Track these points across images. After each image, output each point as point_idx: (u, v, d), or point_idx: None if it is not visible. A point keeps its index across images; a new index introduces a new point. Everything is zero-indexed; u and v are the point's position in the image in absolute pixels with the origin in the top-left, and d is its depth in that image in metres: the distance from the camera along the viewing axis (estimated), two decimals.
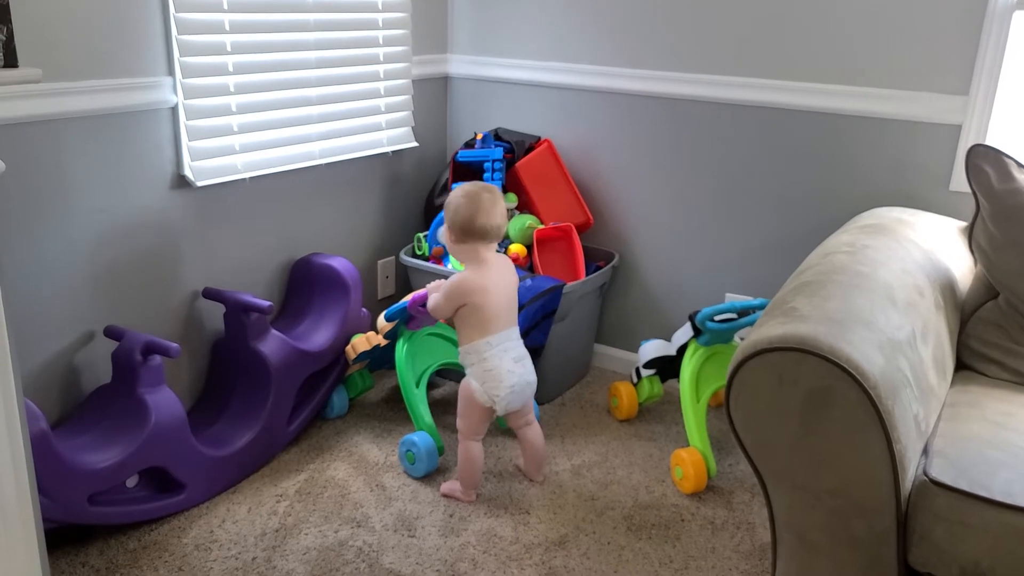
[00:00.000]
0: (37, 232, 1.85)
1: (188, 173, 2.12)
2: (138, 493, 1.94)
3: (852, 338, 1.35)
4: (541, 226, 2.58)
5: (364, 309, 2.48)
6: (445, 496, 2.12)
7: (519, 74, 2.77)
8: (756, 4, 2.34)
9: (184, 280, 2.20)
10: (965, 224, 2.05)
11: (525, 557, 1.91)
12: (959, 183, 2.14)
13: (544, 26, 2.69)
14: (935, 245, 1.91)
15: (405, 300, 2.23)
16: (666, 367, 2.43)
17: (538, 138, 2.70)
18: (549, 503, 2.11)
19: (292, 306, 2.47)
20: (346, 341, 2.40)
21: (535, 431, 2.17)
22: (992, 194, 1.79)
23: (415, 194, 2.89)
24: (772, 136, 2.41)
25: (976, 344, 1.83)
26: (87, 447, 1.84)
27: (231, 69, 2.16)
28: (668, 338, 2.42)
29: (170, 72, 2.04)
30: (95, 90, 1.89)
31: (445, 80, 2.93)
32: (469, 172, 2.62)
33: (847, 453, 1.33)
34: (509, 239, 2.57)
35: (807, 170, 2.38)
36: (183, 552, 1.88)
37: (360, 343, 2.35)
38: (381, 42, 2.58)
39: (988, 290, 1.84)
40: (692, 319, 2.22)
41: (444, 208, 2.08)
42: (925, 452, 1.43)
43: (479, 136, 2.65)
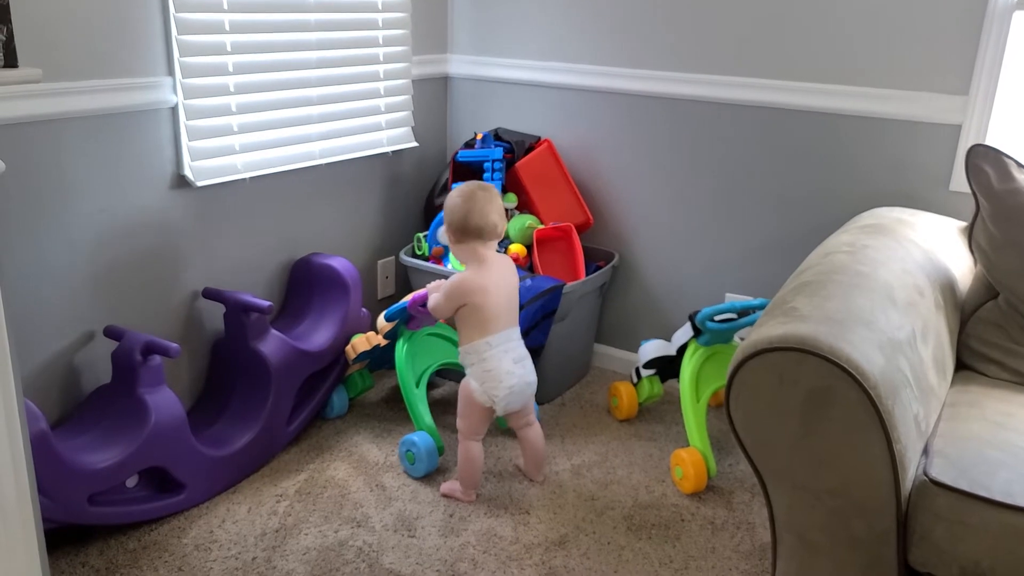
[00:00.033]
0: (37, 232, 1.85)
1: (188, 173, 2.12)
2: (138, 493, 1.94)
3: (852, 338, 1.35)
4: (541, 226, 2.58)
5: (364, 309, 2.48)
6: (445, 496, 2.12)
7: (519, 74, 2.77)
8: (756, 4, 2.34)
9: (184, 280, 2.20)
10: (965, 224, 2.05)
11: (525, 557, 1.91)
12: (959, 183, 2.14)
13: (544, 26, 2.69)
14: (935, 245, 1.91)
15: (405, 300, 2.23)
16: (666, 367, 2.43)
17: (538, 138, 2.70)
18: (549, 503, 2.11)
19: (292, 306, 2.47)
20: (346, 341, 2.40)
21: (535, 431, 2.17)
22: (992, 194, 1.79)
23: (415, 194, 2.89)
24: (772, 136, 2.41)
25: (976, 344, 1.83)
26: (87, 447, 1.84)
27: (231, 69, 2.16)
28: (668, 338, 2.42)
29: (170, 72, 2.04)
30: (95, 90, 1.89)
31: (445, 80, 2.93)
32: (469, 172, 2.62)
33: (847, 453, 1.33)
34: (509, 239, 2.57)
35: (807, 170, 2.38)
36: (183, 552, 1.88)
37: (360, 343, 2.35)
38: (381, 42, 2.58)
39: (988, 290, 1.84)
40: (692, 319, 2.22)
41: (443, 209, 2.09)
42: (925, 452, 1.43)
43: (479, 136, 2.65)
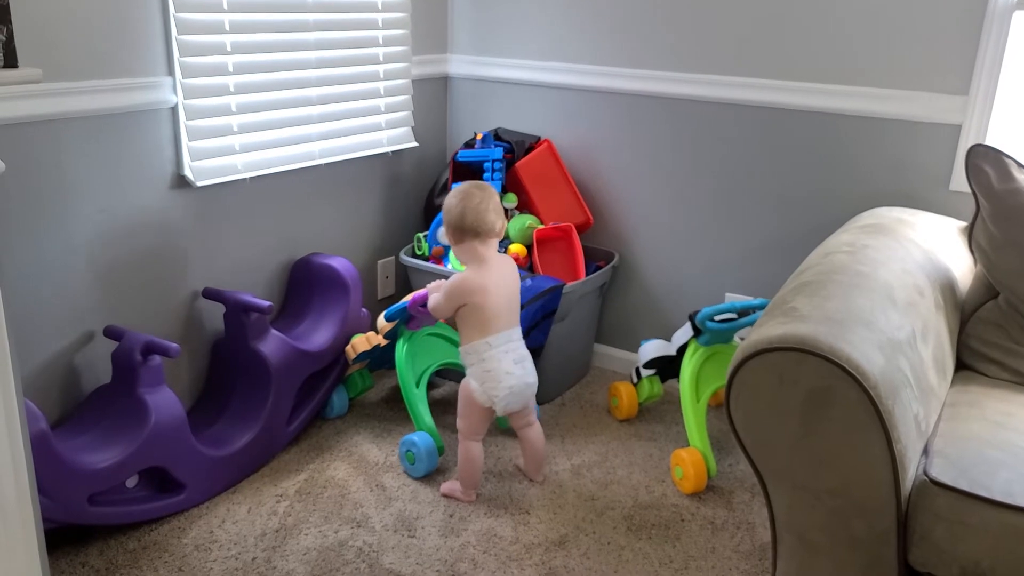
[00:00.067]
0: (37, 232, 1.85)
1: (188, 173, 2.12)
2: (138, 493, 1.94)
3: (852, 338, 1.35)
4: (541, 226, 2.58)
5: (364, 309, 2.48)
6: (445, 496, 2.12)
7: (519, 74, 2.77)
8: (756, 4, 2.34)
9: (184, 280, 2.20)
10: (965, 224, 2.05)
11: (525, 557, 1.91)
12: (959, 183, 2.14)
13: (544, 26, 2.69)
14: (935, 245, 1.91)
15: (405, 300, 2.23)
16: (666, 367, 2.43)
17: (538, 138, 2.70)
18: (549, 503, 2.11)
19: (292, 306, 2.47)
20: (346, 341, 2.40)
21: (536, 431, 2.17)
22: (992, 194, 1.79)
23: (415, 194, 2.89)
24: (772, 136, 2.41)
25: (976, 344, 1.83)
26: (87, 447, 1.84)
27: (231, 69, 2.16)
28: (668, 338, 2.42)
29: (170, 72, 2.04)
30: (95, 90, 1.89)
31: (445, 80, 2.93)
32: (469, 172, 2.62)
33: (847, 453, 1.33)
34: (509, 239, 2.57)
35: (807, 170, 2.38)
36: (183, 552, 1.88)
37: (360, 343, 2.35)
38: (381, 42, 2.58)
39: (988, 290, 1.84)
40: (692, 319, 2.22)
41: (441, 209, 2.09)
42: (925, 452, 1.43)
43: (479, 136, 2.65)
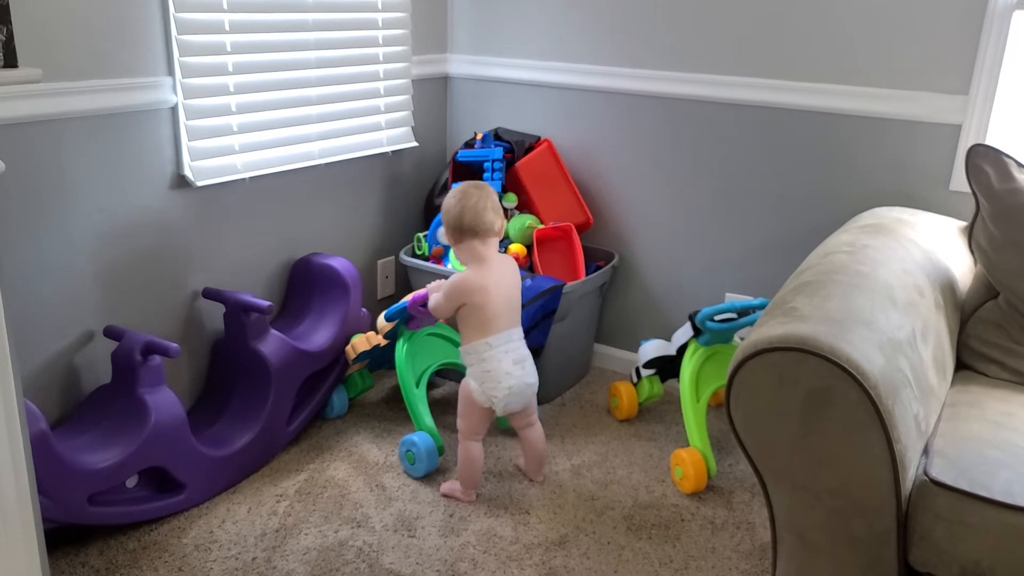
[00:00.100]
0: (37, 232, 1.85)
1: (188, 173, 2.12)
2: (138, 493, 1.94)
3: (852, 338, 1.35)
4: (541, 226, 2.58)
5: (364, 309, 2.48)
6: (445, 496, 2.12)
7: (519, 74, 2.77)
8: (756, 4, 2.34)
9: (184, 280, 2.20)
10: (965, 224, 2.05)
11: (525, 557, 1.91)
12: (959, 183, 2.14)
13: (544, 26, 2.69)
14: (935, 245, 1.91)
15: (405, 300, 2.23)
16: (666, 367, 2.43)
17: (538, 138, 2.70)
18: (549, 503, 2.11)
19: (292, 306, 2.47)
20: (346, 341, 2.40)
21: (537, 431, 2.16)
22: (992, 194, 1.79)
23: (415, 194, 2.89)
24: (772, 136, 2.41)
25: (976, 344, 1.83)
26: (87, 447, 1.84)
27: (231, 69, 2.16)
28: (668, 338, 2.42)
29: (170, 72, 2.04)
30: (95, 90, 1.89)
31: (445, 80, 2.93)
32: (469, 172, 2.62)
33: (847, 453, 1.33)
34: (509, 239, 2.57)
35: (807, 170, 2.38)
36: (183, 552, 1.88)
37: (360, 343, 2.35)
38: (381, 42, 2.58)
39: (988, 290, 1.84)
40: (692, 319, 2.22)
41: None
42: (925, 452, 1.43)
43: (479, 136, 2.65)
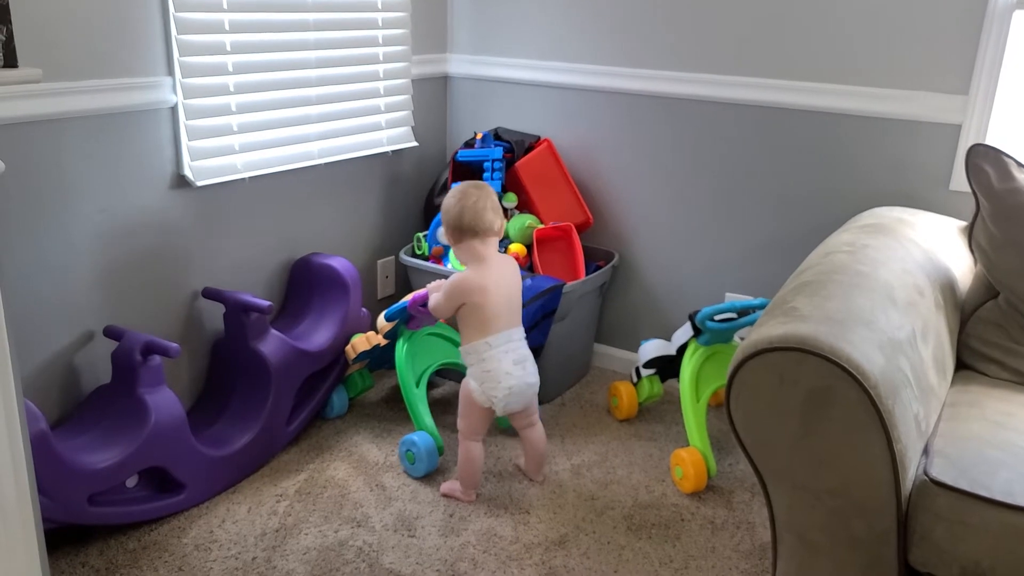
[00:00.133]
0: (37, 232, 1.85)
1: (188, 173, 2.12)
2: (138, 493, 1.94)
3: (852, 338, 1.35)
4: (541, 226, 2.58)
5: (364, 309, 2.48)
6: (445, 496, 2.12)
7: (519, 74, 2.77)
8: (756, 4, 2.34)
9: (184, 280, 2.20)
10: (965, 224, 2.05)
11: (525, 557, 1.91)
12: (959, 183, 2.14)
13: (544, 26, 2.69)
14: (935, 245, 1.91)
15: (405, 300, 2.23)
16: (666, 367, 2.43)
17: (538, 138, 2.70)
18: (549, 503, 2.11)
19: (292, 306, 2.47)
20: (346, 341, 2.40)
21: (537, 431, 2.16)
22: (992, 194, 1.79)
23: (415, 194, 2.89)
24: (772, 136, 2.41)
25: (976, 344, 1.83)
26: (87, 447, 1.84)
27: (231, 69, 2.16)
28: (668, 338, 2.42)
29: (170, 72, 2.04)
30: (95, 90, 1.89)
31: (445, 80, 2.93)
32: (469, 172, 2.62)
33: (847, 453, 1.33)
34: (509, 239, 2.57)
35: (807, 170, 2.38)
36: (183, 552, 1.88)
37: (360, 343, 2.35)
38: (381, 42, 2.58)
39: (988, 290, 1.84)
40: (692, 319, 2.22)
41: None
42: (925, 452, 1.43)
43: (479, 136, 2.65)
